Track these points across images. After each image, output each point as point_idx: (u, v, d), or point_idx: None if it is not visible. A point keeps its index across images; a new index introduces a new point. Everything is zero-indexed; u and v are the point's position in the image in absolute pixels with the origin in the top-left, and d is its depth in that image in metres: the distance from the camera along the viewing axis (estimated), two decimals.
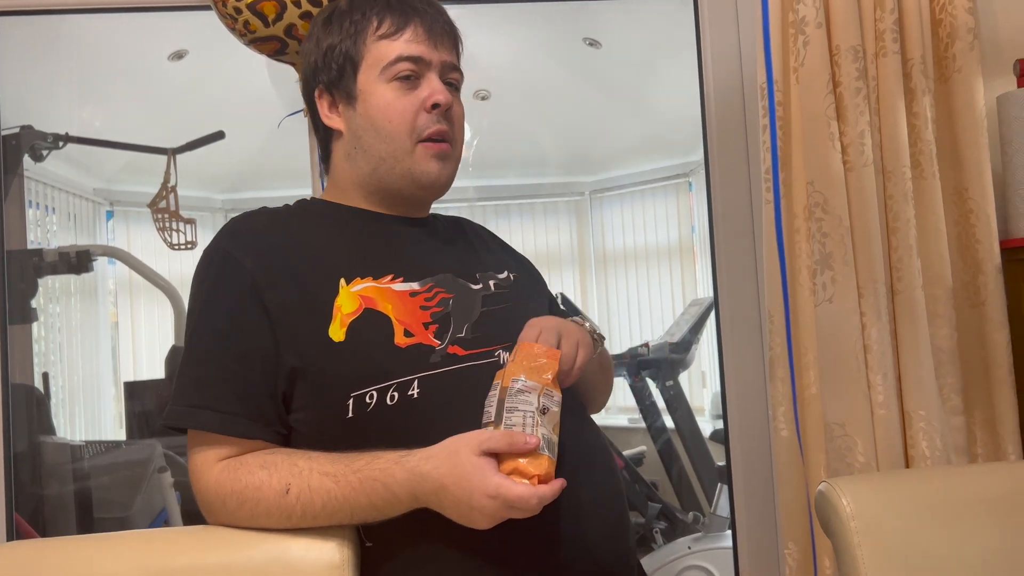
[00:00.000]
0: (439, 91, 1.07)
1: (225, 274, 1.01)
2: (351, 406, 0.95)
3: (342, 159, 1.12)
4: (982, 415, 1.53)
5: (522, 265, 1.24)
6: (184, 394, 0.99)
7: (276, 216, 1.10)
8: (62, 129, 2.74)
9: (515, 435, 0.88)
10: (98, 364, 4.19)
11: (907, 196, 1.47)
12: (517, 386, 0.91)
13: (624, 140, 4.65)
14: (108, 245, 3.61)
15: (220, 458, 0.97)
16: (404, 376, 0.96)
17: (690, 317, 3.66)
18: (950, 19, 1.53)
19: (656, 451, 3.47)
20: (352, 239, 1.07)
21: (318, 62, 1.11)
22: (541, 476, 0.87)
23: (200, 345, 1.00)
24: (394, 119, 1.06)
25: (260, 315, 0.98)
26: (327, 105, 1.11)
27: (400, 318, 1.00)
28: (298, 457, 0.95)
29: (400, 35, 1.07)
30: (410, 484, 0.89)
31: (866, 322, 1.46)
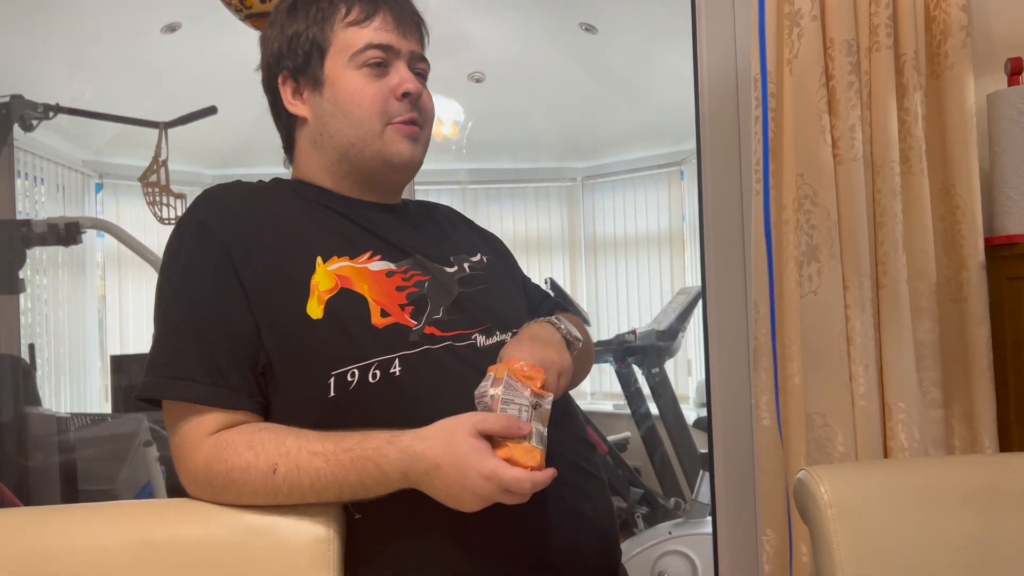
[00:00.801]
0: (409, 79, 1.07)
1: (201, 245, 1.00)
2: (332, 385, 0.95)
3: (308, 146, 1.11)
4: (960, 408, 1.56)
5: (493, 246, 1.24)
6: (161, 365, 0.97)
7: (252, 191, 1.09)
8: (52, 99, 2.71)
9: (511, 419, 0.89)
10: (84, 337, 4.18)
11: (895, 191, 1.48)
12: (511, 382, 0.92)
13: (618, 127, 4.66)
14: (96, 217, 3.59)
15: (207, 433, 0.96)
16: (384, 355, 0.96)
17: (678, 305, 3.68)
18: (944, 16, 1.54)
19: (640, 437, 3.50)
20: (327, 218, 1.07)
21: (282, 48, 1.10)
22: (534, 466, 0.88)
23: (176, 316, 0.99)
24: (364, 104, 1.05)
25: (236, 288, 0.97)
26: (291, 91, 1.10)
27: (376, 298, 1.00)
28: (286, 435, 0.94)
29: (369, 23, 1.07)
30: (402, 464, 0.90)
31: (850, 315, 1.47)
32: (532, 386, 0.93)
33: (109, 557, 0.93)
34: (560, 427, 1.00)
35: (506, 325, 1.05)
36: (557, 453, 0.96)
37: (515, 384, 0.92)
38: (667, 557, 2.84)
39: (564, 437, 1.03)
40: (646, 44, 3.87)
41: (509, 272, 1.22)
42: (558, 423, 1.00)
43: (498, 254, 1.22)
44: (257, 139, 4.09)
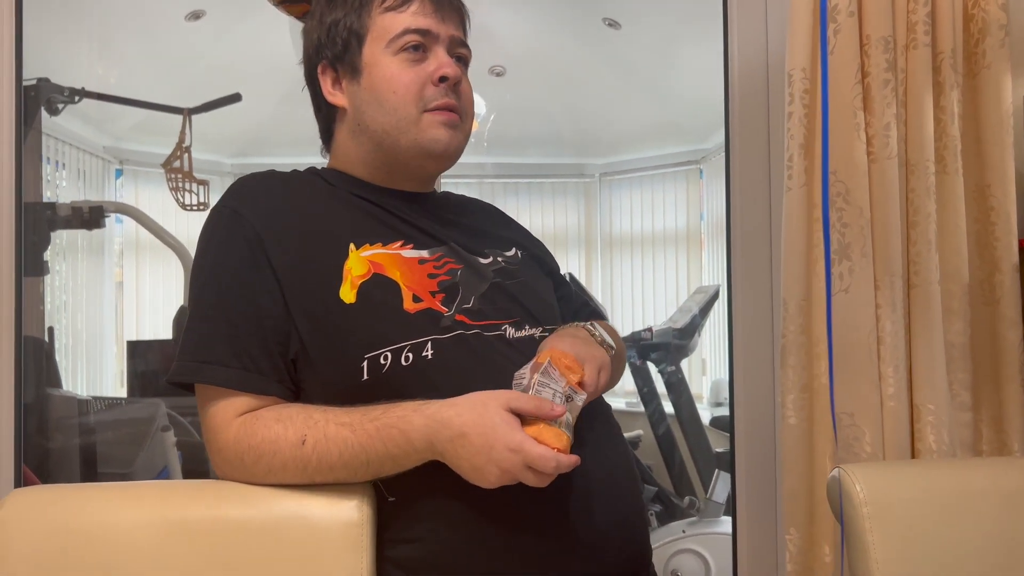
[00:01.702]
0: (447, 64, 1.05)
1: (233, 232, 1.00)
2: (365, 368, 0.95)
3: (346, 137, 1.11)
4: (989, 412, 1.54)
5: (533, 245, 1.23)
6: (193, 350, 0.98)
7: (285, 179, 1.09)
8: (78, 84, 2.72)
9: (543, 402, 0.89)
10: (101, 322, 4.21)
11: (929, 191, 1.47)
12: (550, 369, 0.93)
13: (637, 124, 4.64)
14: (121, 202, 3.60)
15: (237, 414, 0.97)
16: (417, 338, 0.96)
17: (695, 304, 3.67)
18: (982, 14, 1.52)
19: (655, 437, 3.49)
20: (360, 206, 1.07)
21: (321, 38, 1.09)
22: (561, 448, 0.88)
23: (208, 301, 0.99)
24: (399, 90, 1.04)
25: (268, 274, 0.98)
26: (330, 82, 1.10)
27: (408, 284, 1.00)
28: (313, 410, 0.95)
29: (407, 7, 1.06)
30: (427, 430, 0.90)
31: (880, 314, 1.46)
32: (569, 378, 0.93)
33: (139, 535, 0.94)
34: (596, 428, 1.00)
35: (536, 320, 1.05)
36: (597, 456, 0.96)
37: (553, 372, 0.93)
38: (681, 556, 2.84)
39: (602, 438, 1.02)
40: (670, 41, 3.85)
41: (545, 272, 1.21)
42: (594, 421, 1.00)
43: (536, 253, 1.21)
44: (276, 128, 4.11)
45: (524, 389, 0.92)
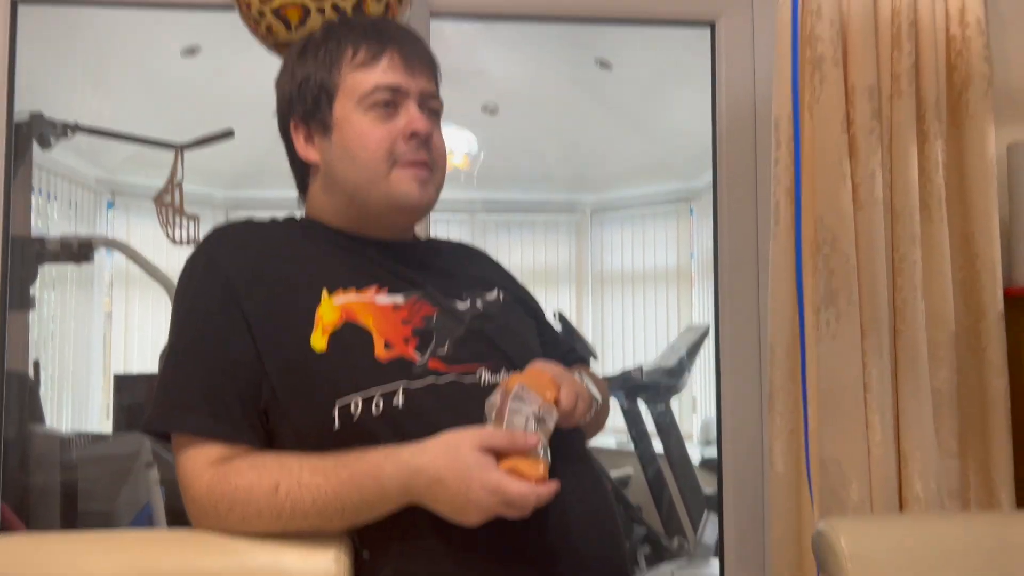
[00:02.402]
0: (417, 119, 1.06)
1: (208, 280, 1.01)
2: (336, 417, 0.95)
3: (319, 191, 1.11)
4: (977, 460, 1.54)
5: (515, 287, 1.23)
6: (166, 399, 0.98)
7: (261, 227, 1.10)
8: (71, 118, 2.73)
9: (516, 434, 0.89)
10: (89, 355, 4.17)
11: (914, 238, 1.48)
12: (522, 393, 0.92)
13: (628, 162, 4.67)
14: (110, 237, 3.60)
15: (209, 462, 0.96)
16: (388, 386, 0.96)
17: (685, 343, 3.67)
18: (965, 65, 1.54)
19: (645, 477, 3.47)
20: (336, 253, 1.07)
21: (292, 94, 1.10)
22: (538, 479, 0.88)
23: (182, 350, 1.00)
24: (370, 146, 1.04)
25: (240, 322, 0.98)
26: (303, 137, 1.10)
27: (381, 331, 0.99)
28: (287, 457, 0.95)
29: (376, 64, 1.06)
30: (401, 477, 0.89)
31: (867, 361, 1.46)
32: (544, 395, 0.93)
33: None
34: (573, 463, 0.99)
35: (514, 364, 1.04)
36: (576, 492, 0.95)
37: (525, 393, 0.92)
38: None
39: (581, 474, 1.01)
40: (660, 82, 3.90)
41: (529, 314, 1.20)
42: (572, 455, 0.99)
43: (520, 296, 1.21)
44: (270, 162, 4.11)
45: (497, 416, 0.92)
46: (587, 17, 1.83)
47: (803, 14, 1.52)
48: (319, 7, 1.39)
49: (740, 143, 1.81)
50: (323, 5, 1.39)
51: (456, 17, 1.81)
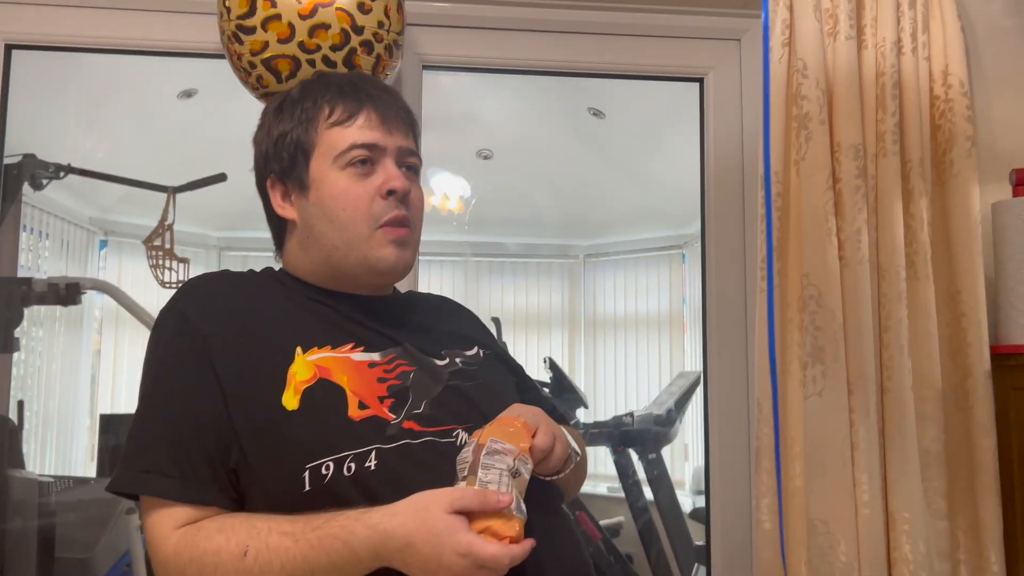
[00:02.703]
0: (395, 177, 1.05)
1: (179, 335, 0.99)
2: (307, 478, 0.93)
3: (296, 247, 1.10)
4: (966, 520, 1.52)
5: (493, 344, 1.21)
6: (134, 458, 0.96)
7: (237, 280, 1.09)
8: (64, 159, 2.74)
9: (488, 494, 0.87)
10: (76, 393, 4.13)
11: (901, 296, 1.48)
12: (494, 446, 0.91)
13: (621, 208, 4.70)
14: (98, 279, 3.58)
15: (177, 525, 0.94)
16: (360, 448, 0.94)
17: (677, 390, 3.65)
18: (949, 125, 1.56)
19: (637, 530, 3.42)
20: (313, 309, 1.06)
21: (269, 151, 1.10)
22: (513, 537, 0.86)
23: (151, 408, 0.98)
24: (348, 207, 1.03)
25: (212, 379, 0.97)
26: (280, 195, 1.09)
27: (355, 390, 0.98)
28: (256, 519, 0.93)
29: (352, 122, 1.06)
30: (372, 541, 0.87)
31: (854, 419, 1.45)
32: (517, 444, 0.91)
33: None
34: (548, 519, 0.97)
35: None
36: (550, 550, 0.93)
37: (497, 446, 0.90)
38: None
39: (555, 529, 0.99)
40: (652, 131, 3.94)
41: (508, 371, 1.19)
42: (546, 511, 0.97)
43: (500, 353, 1.20)
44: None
45: (470, 472, 0.90)
46: (579, 71, 1.86)
47: (789, 72, 1.54)
48: (309, 59, 1.40)
49: (728, 196, 1.82)
50: (314, 58, 1.40)
51: (448, 69, 1.83)
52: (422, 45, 1.76)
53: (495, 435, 0.92)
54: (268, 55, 1.40)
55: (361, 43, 1.42)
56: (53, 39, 1.72)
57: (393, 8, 1.46)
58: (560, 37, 1.81)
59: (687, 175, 2.06)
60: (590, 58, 1.82)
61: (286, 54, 1.40)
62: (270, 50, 1.40)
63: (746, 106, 1.82)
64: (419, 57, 1.77)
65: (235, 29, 1.41)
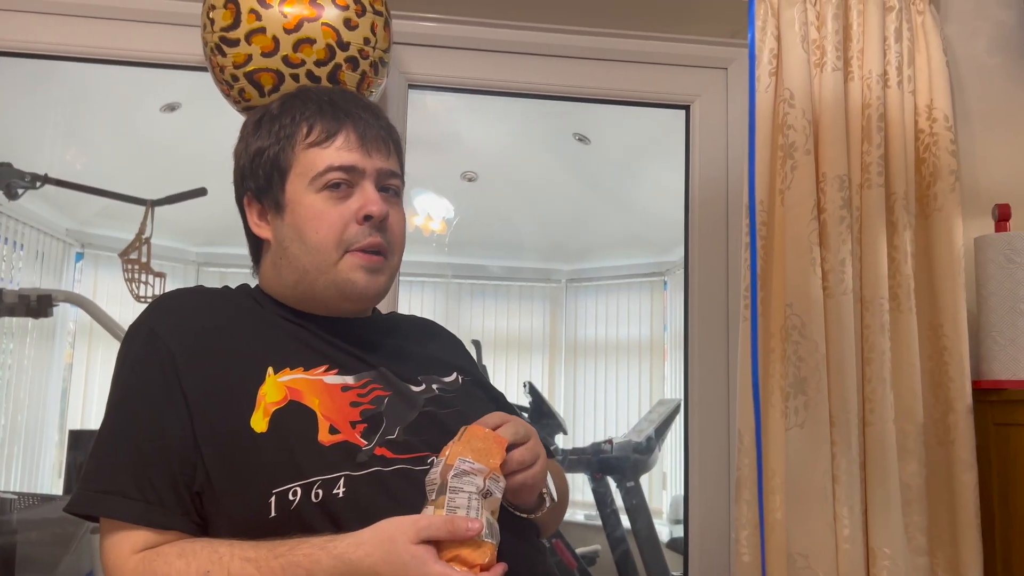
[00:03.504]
0: (373, 201, 1.01)
1: (147, 352, 0.96)
2: (273, 504, 0.90)
3: (269, 268, 1.07)
4: (946, 557, 1.50)
5: (474, 370, 1.18)
6: (94, 478, 0.93)
7: (210, 297, 1.06)
8: (42, 169, 2.70)
9: (456, 522, 0.84)
10: (45, 408, 4.04)
11: (884, 328, 1.47)
12: (463, 467, 0.87)
13: (604, 233, 4.71)
14: (71, 291, 3.52)
15: (135, 550, 0.90)
16: (328, 474, 0.91)
17: (656, 417, 3.62)
18: (933, 159, 1.57)
19: (613, 559, 3.38)
20: (287, 329, 1.03)
21: (246, 167, 1.07)
22: (484, 565, 0.84)
23: (115, 426, 0.95)
24: (321, 230, 1.00)
25: (179, 399, 0.94)
26: (256, 214, 1.07)
27: (327, 414, 0.95)
28: (219, 544, 0.89)
29: (331, 143, 1.02)
30: (336, 571, 0.84)
31: (836, 451, 1.44)
32: (487, 462, 0.88)
33: None
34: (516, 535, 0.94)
35: None
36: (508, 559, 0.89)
37: (466, 466, 0.87)
38: None
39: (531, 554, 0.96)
40: (636, 158, 3.95)
41: (488, 398, 1.15)
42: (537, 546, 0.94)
43: (480, 379, 1.17)
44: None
45: (438, 495, 0.87)
46: (565, 95, 1.85)
47: (775, 101, 1.54)
48: (293, 74, 1.39)
49: (712, 224, 1.81)
50: (298, 72, 1.39)
51: (434, 89, 1.82)
52: (408, 64, 1.75)
53: (464, 453, 0.89)
54: (251, 68, 1.38)
55: (346, 59, 1.40)
56: (32, 47, 1.69)
57: (380, 25, 1.44)
58: (547, 60, 1.80)
59: (670, 202, 2.06)
60: (577, 82, 1.82)
61: (270, 68, 1.38)
62: (253, 63, 1.38)
63: (732, 134, 1.82)
64: (405, 76, 1.76)
65: (218, 41, 1.39)
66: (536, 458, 0.95)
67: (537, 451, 0.96)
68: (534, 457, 0.95)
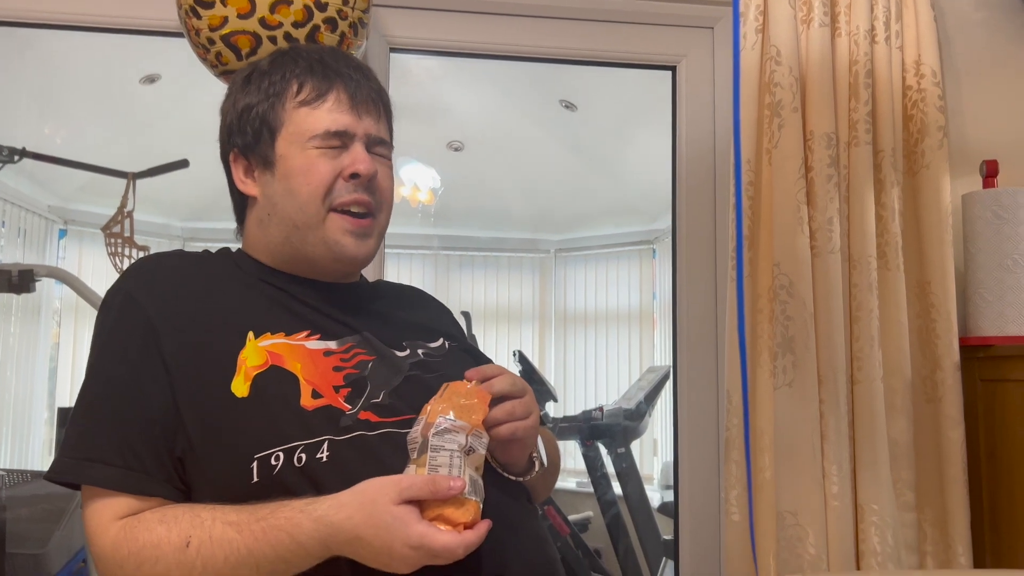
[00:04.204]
0: (361, 160, 1.01)
1: (125, 317, 0.95)
2: (255, 469, 0.89)
3: (255, 225, 1.06)
4: (933, 513, 1.52)
5: (466, 342, 1.17)
6: (74, 445, 0.91)
7: (190, 260, 1.05)
8: (20, 143, 2.65)
9: (438, 481, 0.82)
10: (33, 385, 4.03)
11: (872, 286, 1.47)
12: (444, 424, 0.86)
13: (592, 202, 4.69)
14: (53, 266, 3.48)
15: (117, 516, 0.89)
16: (310, 439, 0.90)
17: (646, 384, 3.64)
18: (921, 115, 1.55)
19: (605, 524, 3.41)
20: (268, 293, 1.02)
21: (233, 124, 1.05)
22: (468, 523, 0.83)
23: (93, 393, 0.93)
24: (312, 182, 0.99)
25: (158, 364, 0.92)
26: (242, 171, 1.05)
27: (309, 378, 0.94)
28: (201, 509, 0.88)
29: (321, 103, 1.01)
30: (319, 534, 0.83)
31: (824, 410, 1.44)
32: (469, 418, 0.87)
33: None
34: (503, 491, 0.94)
35: None
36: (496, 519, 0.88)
37: (447, 423, 0.86)
38: None
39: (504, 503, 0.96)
40: (624, 124, 3.92)
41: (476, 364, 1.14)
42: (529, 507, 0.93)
43: (468, 347, 1.15)
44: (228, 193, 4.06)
45: (419, 453, 0.85)
46: (549, 57, 1.82)
47: (762, 60, 1.52)
48: (271, 36, 1.35)
49: (700, 186, 1.80)
50: (275, 34, 1.35)
51: (415, 52, 1.79)
52: (389, 27, 1.72)
53: (445, 410, 0.87)
54: (227, 31, 1.35)
55: (324, 20, 1.37)
56: (2, 14, 1.65)
57: None
58: (531, 21, 1.77)
59: (658, 170, 2.04)
60: (561, 44, 1.79)
61: (246, 30, 1.35)
62: (229, 25, 1.35)
63: (719, 95, 1.80)
64: (386, 39, 1.73)
65: (193, 3, 1.35)
66: (528, 413, 0.94)
67: (530, 407, 0.95)
68: (526, 412, 0.94)
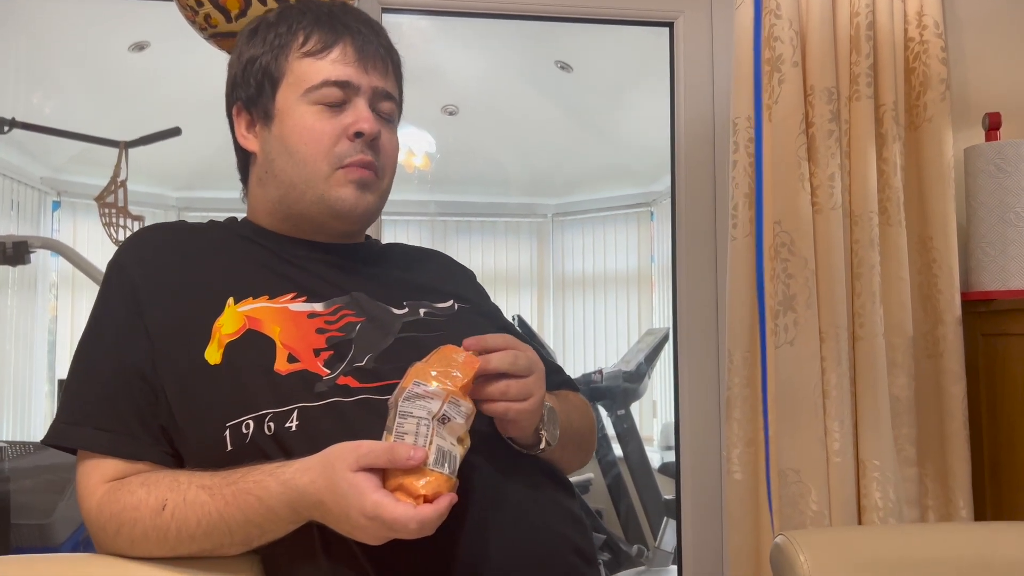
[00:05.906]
0: (365, 119, 0.97)
1: (115, 286, 0.95)
2: (228, 438, 0.87)
3: (255, 183, 1.04)
4: (935, 467, 1.52)
5: (483, 300, 1.13)
6: (67, 410, 0.92)
7: (185, 231, 1.03)
8: (8, 113, 2.62)
9: (397, 449, 0.78)
10: (32, 359, 4.03)
11: (873, 242, 1.46)
12: (416, 390, 0.80)
13: (589, 165, 4.65)
14: (48, 237, 3.47)
15: (104, 480, 0.89)
16: (279, 407, 0.88)
17: (645, 346, 3.65)
18: (923, 68, 1.53)
19: (606, 485, 3.43)
20: (257, 257, 1.00)
21: (237, 76, 1.03)
22: (428, 496, 0.77)
23: (85, 359, 0.94)
24: (311, 143, 0.97)
25: (141, 332, 0.92)
26: (245, 125, 1.03)
27: (287, 342, 0.91)
28: (180, 473, 0.88)
29: (327, 54, 0.98)
30: (286, 497, 0.81)
31: (826, 367, 1.44)
32: (448, 385, 0.80)
33: None
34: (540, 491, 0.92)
35: None
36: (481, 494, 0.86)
37: (419, 391, 0.80)
38: None
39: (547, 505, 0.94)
40: (620, 85, 3.88)
41: (496, 328, 1.03)
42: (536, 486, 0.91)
43: (485, 309, 1.11)
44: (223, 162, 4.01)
45: (390, 420, 0.80)
46: (543, 15, 1.79)
47: (763, 14, 1.49)
48: None
49: (699, 145, 1.77)
50: None
51: (408, 12, 1.75)
52: None
53: (422, 375, 0.81)
54: None
55: None
56: None
57: None
58: None
59: (656, 132, 2.02)
60: (556, 1, 1.75)
61: None
62: None
63: (717, 51, 1.77)
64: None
65: None
66: (526, 395, 0.88)
67: (530, 389, 0.89)
68: (523, 393, 0.88)
